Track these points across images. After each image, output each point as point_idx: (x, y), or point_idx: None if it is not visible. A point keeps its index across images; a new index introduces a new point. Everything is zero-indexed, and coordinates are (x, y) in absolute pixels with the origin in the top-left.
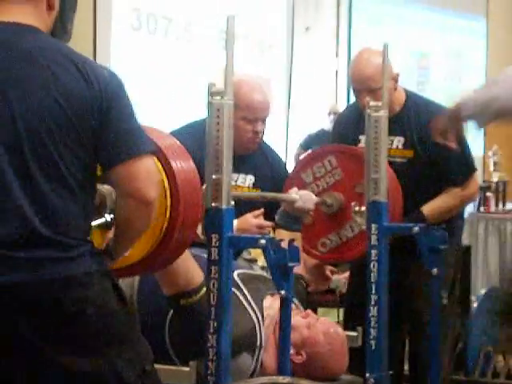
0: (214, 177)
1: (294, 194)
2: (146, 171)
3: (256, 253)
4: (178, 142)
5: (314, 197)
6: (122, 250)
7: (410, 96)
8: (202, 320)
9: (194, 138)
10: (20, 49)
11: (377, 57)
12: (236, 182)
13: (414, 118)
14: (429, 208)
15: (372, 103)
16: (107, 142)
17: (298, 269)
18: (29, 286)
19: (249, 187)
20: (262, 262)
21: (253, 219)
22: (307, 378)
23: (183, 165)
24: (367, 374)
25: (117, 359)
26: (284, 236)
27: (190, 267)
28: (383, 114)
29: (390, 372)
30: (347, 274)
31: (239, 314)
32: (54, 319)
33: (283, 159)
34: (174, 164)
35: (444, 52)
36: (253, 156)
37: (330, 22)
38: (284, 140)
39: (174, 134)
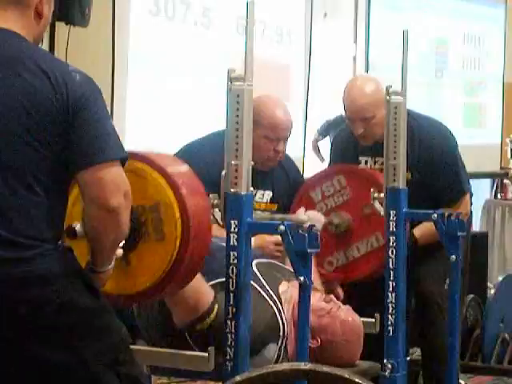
0: (233, 162)
1: (303, 214)
2: (111, 178)
3: None
4: (187, 167)
5: (322, 218)
6: (98, 261)
7: None
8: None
9: (216, 150)
10: None
11: (370, 85)
12: (254, 197)
13: (409, 140)
14: (420, 230)
15: (392, 89)
16: (74, 146)
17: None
18: None
19: (266, 203)
20: None
21: (270, 236)
22: (318, 362)
23: (195, 195)
24: (385, 360)
25: (84, 351)
26: None
27: (198, 290)
28: (402, 100)
29: (407, 358)
30: None
31: (258, 306)
32: (13, 317)
33: (300, 170)
34: (185, 194)
35: (462, 39)
36: (271, 170)
37: (348, 7)
38: (302, 126)
39: (196, 144)
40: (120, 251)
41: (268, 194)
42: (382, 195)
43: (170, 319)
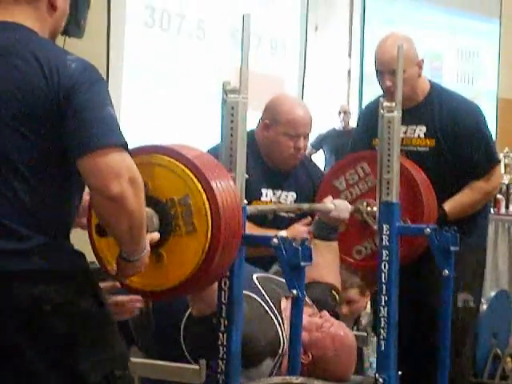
0: None
1: (329, 203)
2: (107, 165)
3: None
4: (215, 159)
5: (349, 206)
6: (126, 251)
7: (434, 86)
8: None
9: None
10: None
11: (401, 41)
12: (279, 199)
13: (437, 108)
14: (450, 204)
15: (386, 103)
16: (69, 135)
17: (333, 280)
18: None
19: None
20: None
21: (303, 227)
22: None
23: (223, 184)
24: (376, 374)
25: (80, 358)
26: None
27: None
28: (396, 114)
29: (400, 372)
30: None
31: (264, 321)
32: (8, 312)
33: (322, 171)
34: (213, 184)
35: (457, 54)
36: (295, 172)
37: (343, 21)
38: None
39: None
40: (156, 236)
41: (292, 196)
42: (374, 209)
43: (162, 327)
